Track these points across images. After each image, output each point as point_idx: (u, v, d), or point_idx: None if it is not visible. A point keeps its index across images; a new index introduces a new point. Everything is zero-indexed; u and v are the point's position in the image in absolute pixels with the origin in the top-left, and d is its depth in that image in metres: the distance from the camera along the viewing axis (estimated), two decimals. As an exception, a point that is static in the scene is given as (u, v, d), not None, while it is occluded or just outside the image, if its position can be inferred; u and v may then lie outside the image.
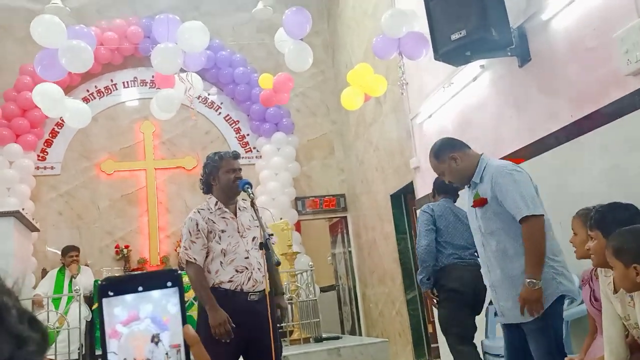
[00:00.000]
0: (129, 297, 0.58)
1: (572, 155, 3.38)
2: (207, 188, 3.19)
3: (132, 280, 0.58)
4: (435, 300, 3.79)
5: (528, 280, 2.53)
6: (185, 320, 0.58)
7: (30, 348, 0.43)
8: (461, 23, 3.57)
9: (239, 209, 3.15)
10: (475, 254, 3.35)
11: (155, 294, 0.58)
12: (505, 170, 2.69)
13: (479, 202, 2.76)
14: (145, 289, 0.57)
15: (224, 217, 3.11)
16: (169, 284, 0.58)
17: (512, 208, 2.61)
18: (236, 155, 3.27)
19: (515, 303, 2.60)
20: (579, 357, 2.51)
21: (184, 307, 0.58)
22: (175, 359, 0.57)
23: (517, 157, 3.94)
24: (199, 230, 3.03)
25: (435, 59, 3.89)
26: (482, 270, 2.92)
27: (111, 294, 0.57)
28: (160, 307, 0.58)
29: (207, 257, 3.05)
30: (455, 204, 3.99)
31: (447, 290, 3.69)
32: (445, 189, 4.09)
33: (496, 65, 4.10)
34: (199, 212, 3.11)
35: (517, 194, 2.61)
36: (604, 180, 3.11)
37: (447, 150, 2.88)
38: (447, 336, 3.75)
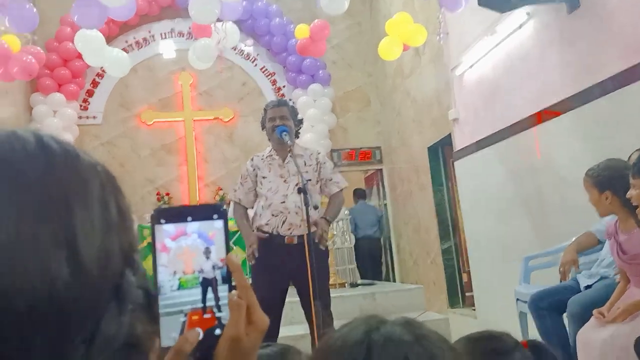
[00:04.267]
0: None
1: (618, 106, 3.30)
2: (268, 138, 3.33)
3: (183, 211, 0.63)
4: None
5: None
6: (229, 249, 0.63)
7: (145, 285, 0.48)
8: (509, -33, 3.47)
9: (292, 155, 3.12)
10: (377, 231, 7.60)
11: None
12: None
13: None
14: (194, 219, 0.63)
15: (270, 164, 3.23)
16: (215, 216, 0.63)
17: None
18: (279, 103, 3.33)
19: None
20: (607, 307, 2.48)
21: (227, 236, 0.63)
22: (221, 273, 0.62)
23: (560, 108, 3.87)
24: (247, 175, 3.25)
25: (480, 4, 3.80)
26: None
27: (163, 221, 0.62)
28: (206, 224, 0.63)
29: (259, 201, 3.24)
30: (365, 200, 7.91)
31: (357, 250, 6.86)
32: (360, 195, 7.80)
33: (543, 12, 3.97)
34: (252, 159, 3.30)
35: None
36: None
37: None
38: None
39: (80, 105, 7.59)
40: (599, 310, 2.48)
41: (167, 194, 7.52)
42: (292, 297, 3.22)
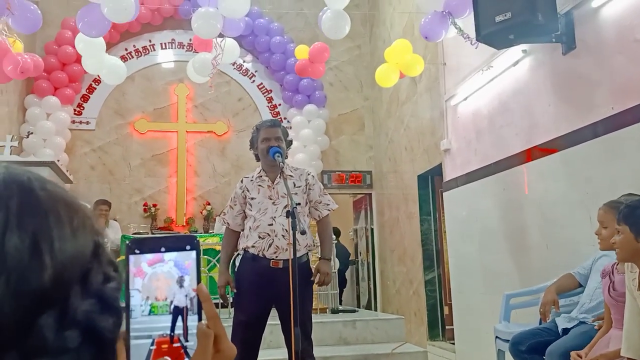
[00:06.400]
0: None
1: (609, 149, 3.31)
2: (256, 157, 3.32)
3: (156, 242, 0.65)
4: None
5: None
6: (199, 279, 0.65)
7: (113, 285, 0.50)
8: (507, 5, 3.49)
9: (282, 176, 3.09)
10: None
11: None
12: None
13: None
14: (167, 250, 0.64)
15: (260, 185, 3.21)
16: (188, 247, 0.65)
17: None
18: (274, 124, 3.31)
19: None
20: (585, 351, 2.49)
21: (199, 267, 0.65)
22: (191, 304, 0.64)
23: (551, 147, 3.88)
24: (236, 198, 3.25)
25: (477, 40, 3.82)
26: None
27: (137, 252, 0.64)
28: (183, 254, 0.65)
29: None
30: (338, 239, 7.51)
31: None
32: (335, 234, 6.53)
33: (539, 51, 4.01)
34: (242, 180, 3.29)
35: None
36: (639, 176, 3.05)
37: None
38: None
39: (75, 110, 7.57)
40: (577, 352, 2.50)
41: (155, 205, 7.46)
42: (272, 320, 3.18)
